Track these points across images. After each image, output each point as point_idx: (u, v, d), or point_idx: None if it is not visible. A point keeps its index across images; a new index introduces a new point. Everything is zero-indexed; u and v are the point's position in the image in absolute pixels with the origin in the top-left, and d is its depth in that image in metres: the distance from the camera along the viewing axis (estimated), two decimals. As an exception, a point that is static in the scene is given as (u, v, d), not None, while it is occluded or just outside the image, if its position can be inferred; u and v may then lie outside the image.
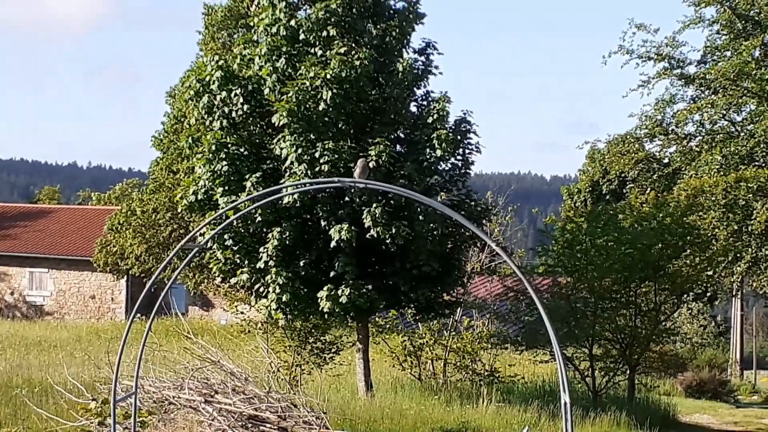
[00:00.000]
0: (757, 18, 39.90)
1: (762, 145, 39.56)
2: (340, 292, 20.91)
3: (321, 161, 20.57)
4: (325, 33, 21.64)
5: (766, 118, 38.99)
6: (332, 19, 21.62)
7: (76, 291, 62.15)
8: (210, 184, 21.55)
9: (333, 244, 20.79)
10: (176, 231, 48.42)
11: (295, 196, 20.42)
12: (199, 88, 21.88)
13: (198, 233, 21.16)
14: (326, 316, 21.84)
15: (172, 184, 45.48)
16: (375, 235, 20.65)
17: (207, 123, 22.27)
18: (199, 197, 21.86)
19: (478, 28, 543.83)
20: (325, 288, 21.01)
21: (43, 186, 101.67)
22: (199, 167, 21.79)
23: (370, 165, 20.56)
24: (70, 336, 43.57)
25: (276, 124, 21.05)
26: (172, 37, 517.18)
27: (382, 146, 20.72)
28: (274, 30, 21.91)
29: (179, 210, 23.70)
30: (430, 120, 21.95)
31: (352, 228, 20.56)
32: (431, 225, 21.36)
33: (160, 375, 18.38)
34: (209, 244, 21.77)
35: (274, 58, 21.59)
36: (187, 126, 29.03)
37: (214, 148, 21.43)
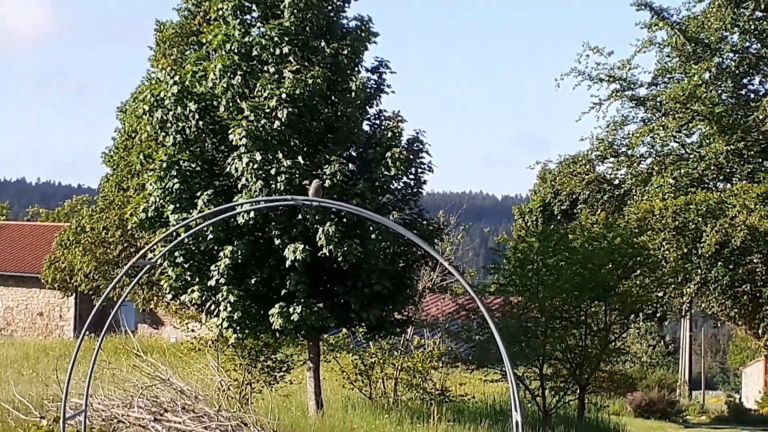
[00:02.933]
0: (707, 41, 40.42)
1: (712, 168, 40.02)
2: (291, 309, 20.83)
3: (278, 179, 20.50)
4: (278, 51, 21.60)
5: (715, 141, 39.45)
6: (285, 38, 21.58)
7: (23, 308, 61.57)
8: (161, 201, 21.41)
9: (288, 263, 20.72)
10: (126, 249, 48.08)
11: (250, 213, 20.34)
12: (152, 103, 21.74)
13: (148, 250, 21.01)
14: (277, 333, 21.77)
15: (122, 202, 45.14)
16: (327, 254, 20.61)
17: (160, 139, 22.12)
18: (150, 214, 21.68)
19: (426, 44, 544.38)
20: (276, 306, 20.93)
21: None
22: (150, 184, 21.63)
23: (326, 184, 20.55)
24: (17, 353, 43.18)
25: (232, 142, 20.95)
26: (120, 51, 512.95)
27: (337, 164, 20.70)
28: (227, 47, 21.84)
29: (129, 227, 23.50)
30: (383, 139, 21.95)
31: (306, 247, 20.50)
32: (383, 244, 21.35)
33: (109, 393, 18.24)
34: (159, 261, 21.60)
35: (228, 74, 21.50)
36: (139, 142, 28.85)
37: (165, 165, 21.28)
